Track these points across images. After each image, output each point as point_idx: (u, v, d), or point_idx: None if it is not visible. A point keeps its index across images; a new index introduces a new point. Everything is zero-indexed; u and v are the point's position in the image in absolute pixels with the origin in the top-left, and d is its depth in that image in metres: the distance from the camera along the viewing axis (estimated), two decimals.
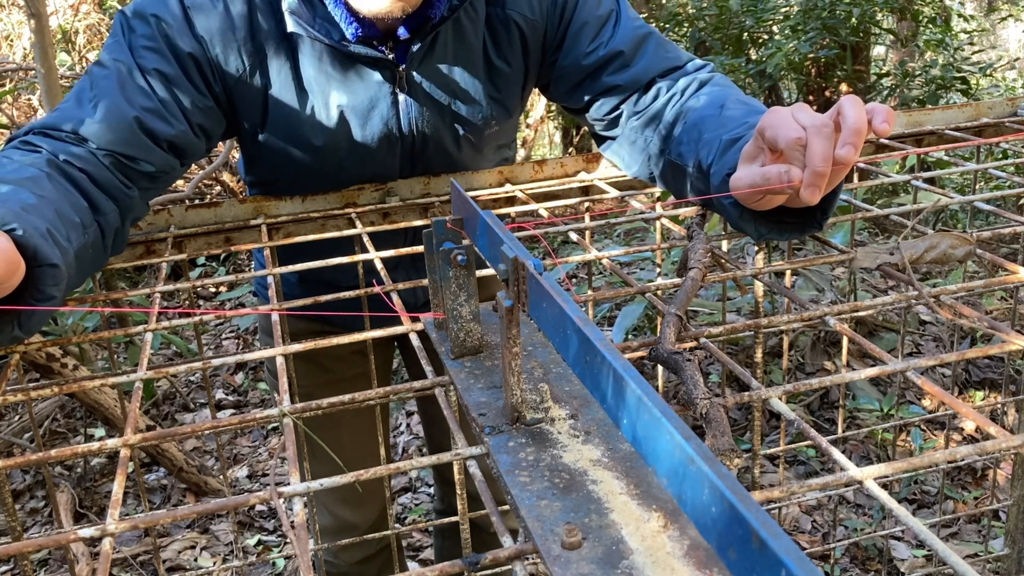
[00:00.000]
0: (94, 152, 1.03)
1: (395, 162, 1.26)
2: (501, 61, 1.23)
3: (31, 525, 2.72)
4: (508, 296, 0.62)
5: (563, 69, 1.25)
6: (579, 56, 1.23)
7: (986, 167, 1.21)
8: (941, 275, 3.36)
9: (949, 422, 2.20)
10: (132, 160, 1.06)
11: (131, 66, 1.07)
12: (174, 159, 1.11)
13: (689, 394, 0.67)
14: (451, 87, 1.21)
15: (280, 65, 1.14)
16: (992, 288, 1.09)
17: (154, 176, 1.09)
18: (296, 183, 1.27)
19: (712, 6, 4.54)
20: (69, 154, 1.00)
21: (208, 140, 1.16)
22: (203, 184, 4.56)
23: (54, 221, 0.87)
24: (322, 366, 1.46)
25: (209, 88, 1.12)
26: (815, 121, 0.86)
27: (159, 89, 1.08)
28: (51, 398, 3.02)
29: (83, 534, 0.58)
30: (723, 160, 0.99)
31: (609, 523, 0.54)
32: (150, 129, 1.06)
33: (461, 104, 1.23)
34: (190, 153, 1.13)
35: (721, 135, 1.02)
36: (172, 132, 1.08)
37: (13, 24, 5.41)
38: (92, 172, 1.01)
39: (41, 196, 0.89)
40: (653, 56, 1.22)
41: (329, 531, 1.59)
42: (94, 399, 2.61)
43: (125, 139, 1.05)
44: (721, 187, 0.98)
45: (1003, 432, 0.62)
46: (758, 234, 0.99)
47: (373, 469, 0.62)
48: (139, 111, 1.06)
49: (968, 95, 4.37)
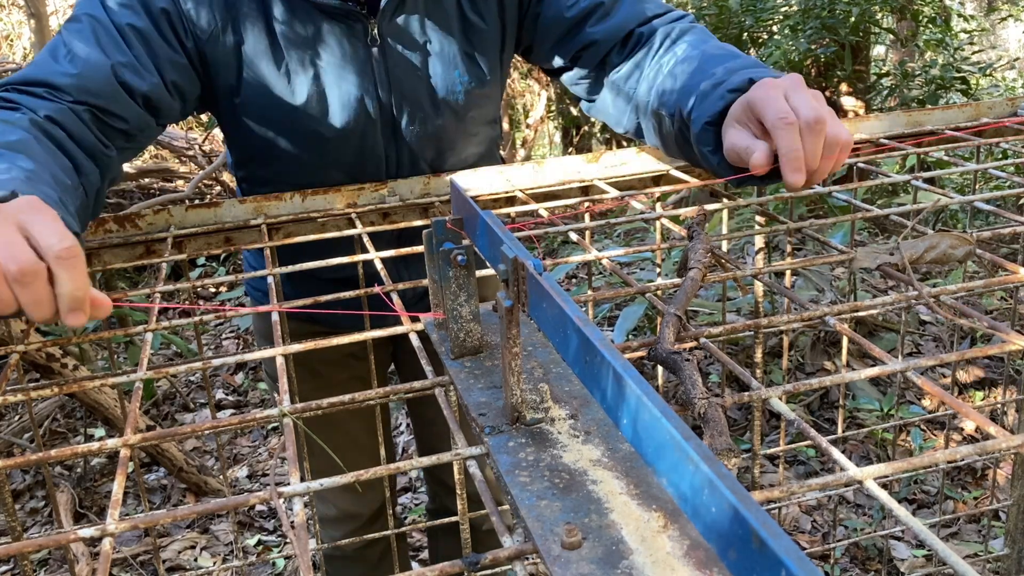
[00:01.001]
0: (71, 107, 1.02)
1: (376, 134, 1.24)
2: (476, 16, 1.24)
3: (31, 525, 2.72)
4: (508, 296, 0.62)
5: (545, 24, 1.26)
6: (561, 9, 1.24)
7: (986, 167, 1.21)
8: (941, 275, 3.36)
9: (949, 422, 2.20)
10: (108, 115, 1.06)
11: (104, 21, 1.08)
12: (149, 116, 1.11)
13: (687, 394, 0.67)
14: (424, 42, 1.21)
15: (253, 22, 1.14)
16: (992, 288, 1.09)
17: (130, 135, 1.09)
18: (277, 159, 1.26)
19: (712, 6, 4.54)
20: (48, 110, 1.00)
21: (183, 101, 1.16)
22: (203, 184, 4.56)
23: (55, 187, 0.88)
24: (313, 371, 1.45)
25: (182, 45, 1.13)
26: (808, 117, 0.87)
27: (133, 44, 1.08)
28: (51, 398, 3.02)
29: (83, 534, 0.58)
30: (703, 107, 1.01)
31: (609, 523, 0.54)
32: (125, 81, 1.07)
33: (435, 61, 1.22)
34: (165, 112, 1.13)
35: (700, 82, 1.03)
36: (146, 87, 1.09)
37: (13, 24, 5.41)
38: (72, 130, 1.01)
39: (36, 161, 0.89)
40: (633, 6, 1.23)
41: (331, 520, 1.60)
42: (94, 399, 2.61)
43: (101, 90, 1.05)
44: (701, 134, 1.00)
45: (1003, 432, 0.62)
46: (725, 175, 1.01)
47: (373, 469, 0.62)
48: (114, 62, 1.06)
49: (968, 95, 4.37)
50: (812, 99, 0.90)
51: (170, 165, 4.94)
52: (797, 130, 0.87)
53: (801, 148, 0.87)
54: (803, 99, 0.89)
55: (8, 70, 4.67)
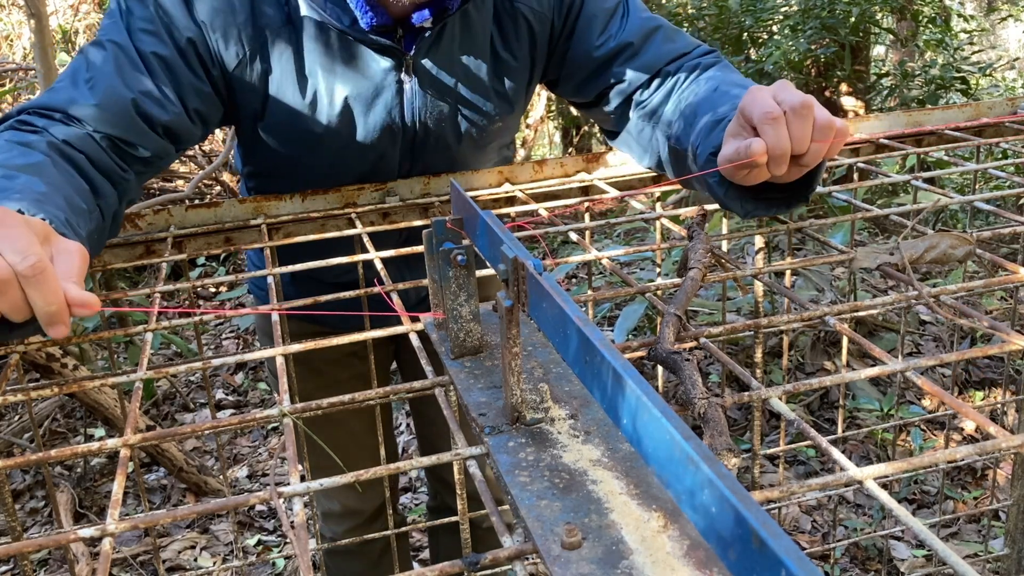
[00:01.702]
0: (91, 134, 1.02)
1: (395, 155, 1.25)
2: (507, 54, 1.24)
3: (31, 525, 2.72)
4: (508, 296, 0.62)
5: (573, 62, 1.26)
6: (589, 49, 1.24)
7: (986, 167, 1.21)
8: (941, 275, 3.36)
9: (949, 422, 2.20)
10: (128, 144, 1.05)
11: (128, 49, 1.06)
12: (169, 144, 1.10)
13: (687, 394, 0.67)
14: (456, 77, 1.21)
15: (282, 51, 1.13)
16: (992, 288, 1.09)
17: (148, 161, 1.09)
18: (293, 174, 1.26)
19: (712, 6, 4.54)
20: (66, 135, 0.99)
21: (204, 126, 1.15)
22: (203, 184, 4.56)
23: (66, 210, 0.88)
24: (316, 370, 1.45)
25: (207, 73, 1.11)
26: (793, 102, 0.87)
27: (156, 73, 1.07)
28: (51, 398, 3.02)
29: (83, 534, 0.58)
30: (708, 140, 1.00)
31: (609, 523, 0.54)
32: (146, 113, 1.06)
33: (465, 95, 1.22)
34: (185, 139, 1.13)
35: (709, 117, 1.03)
36: (167, 117, 1.08)
37: (13, 24, 5.41)
38: (91, 154, 1.01)
39: (49, 183, 0.89)
40: (661, 47, 1.23)
41: (333, 516, 1.60)
42: (94, 399, 2.61)
43: (121, 122, 1.04)
44: (706, 166, 0.99)
45: (1003, 432, 0.62)
46: (744, 211, 1.00)
47: (373, 469, 0.62)
48: (136, 94, 1.05)
49: (968, 95, 4.37)
50: (801, 93, 0.90)
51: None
52: (783, 124, 0.87)
53: (788, 141, 0.87)
54: (790, 92, 0.89)
55: (8, 70, 4.67)
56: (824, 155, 0.90)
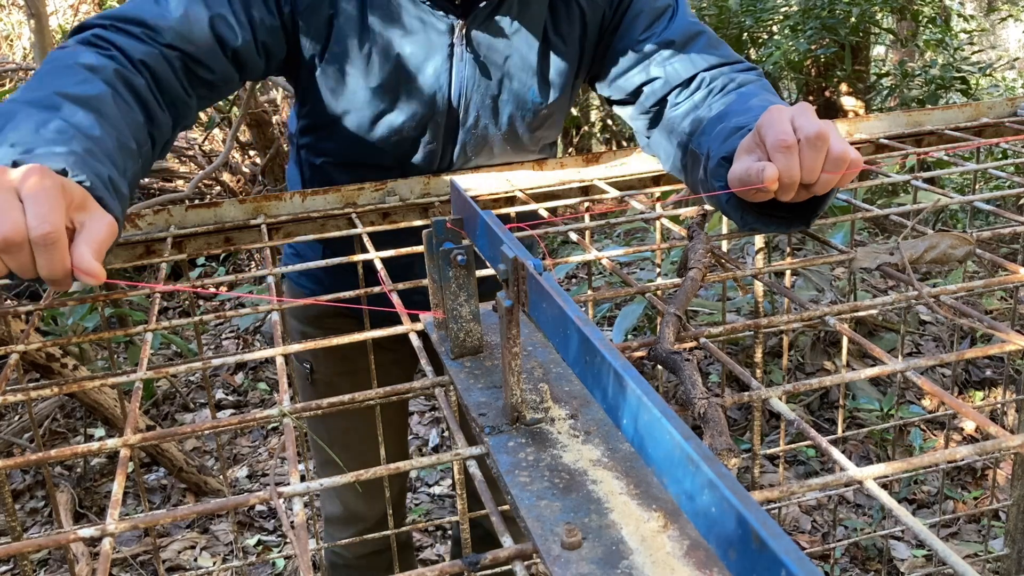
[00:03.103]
0: (163, 51, 1.06)
1: (438, 129, 1.26)
2: (558, 38, 1.25)
3: (31, 525, 2.72)
4: (508, 296, 0.62)
5: (616, 54, 1.27)
6: (632, 42, 1.25)
7: (986, 167, 1.21)
8: (941, 275, 3.36)
9: (949, 422, 2.20)
10: (198, 64, 1.09)
11: None
12: (234, 71, 1.15)
13: (687, 394, 0.67)
14: (507, 53, 1.23)
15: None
16: (992, 288, 1.08)
17: (213, 85, 1.13)
18: (340, 135, 1.27)
19: (712, 6, 4.54)
20: (141, 54, 1.03)
21: (268, 61, 1.19)
22: (203, 184, 4.56)
23: (115, 158, 0.89)
24: (342, 355, 1.45)
25: (279, 9, 1.16)
26: (809, 132, 0.86)
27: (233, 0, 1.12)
28: (51, 398, 3.02)
29: (83, 534, 0.58)
30: (723, 145, 1.00)
31: (609, 523, 0.54)
32: (220, 35, 1.10)
33: (512, 73, 1.24)
34: (250, 68, 1.17)
35: (727, 123, 1.03)
36: (238, 43, 1.12)
37: (13, 24, 5.41)
38: (159, 74, 1.04)
39: (104, 124, 0.91)
40: (703, 52, 1.24)
41: (337, 520, 1.58)
42: (94, 399, 2.61)
43: (196, 39, 1.08)
44: (716, 169, 0.99)
45: (1003, 432, 0.62)
46: (744, 223, 1.00)
47: (372, 469, 0.62)
48: (214, 13, 1.10)
49: (968, 95, 4.37)
50: (819, 121, 0.89)
51: (170, 165, 4.93)
52: (796, 153, 0.86)
53: (798, 171, 0.87)
54: (808, 119, 0.88)
55: (8, 70, 4.67)
56: (834, 186, 0.90)
